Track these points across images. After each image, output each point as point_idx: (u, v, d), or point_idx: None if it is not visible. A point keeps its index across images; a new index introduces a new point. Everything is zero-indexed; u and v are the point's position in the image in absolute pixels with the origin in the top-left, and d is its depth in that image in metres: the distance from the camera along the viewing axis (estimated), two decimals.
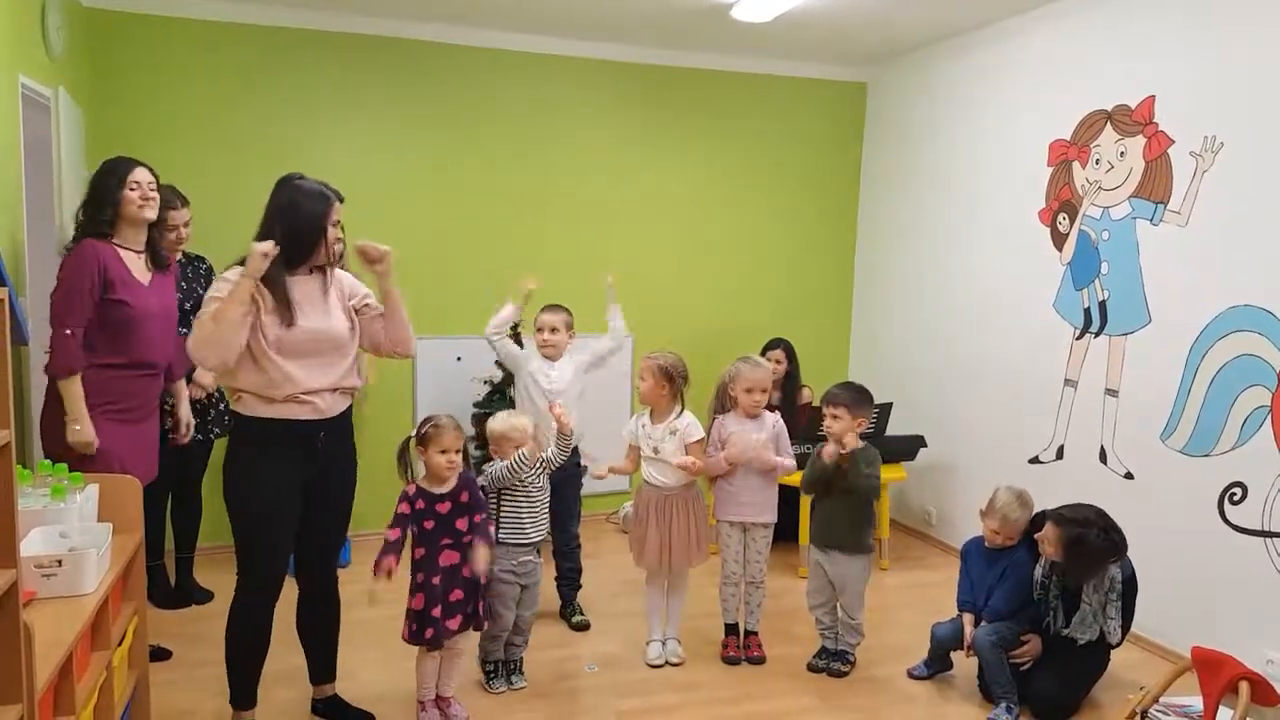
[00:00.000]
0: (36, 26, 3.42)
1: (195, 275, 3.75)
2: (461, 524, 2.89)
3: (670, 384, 3.36)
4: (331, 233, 2.61)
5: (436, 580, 2.83)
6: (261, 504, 2.61)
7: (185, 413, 3.48)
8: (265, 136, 4.52)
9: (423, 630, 2.83)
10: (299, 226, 2.57)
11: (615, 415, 5.14)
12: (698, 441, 3.35)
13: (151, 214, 3.05)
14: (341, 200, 2.67)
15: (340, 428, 2.72)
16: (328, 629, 2.94)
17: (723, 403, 3.50)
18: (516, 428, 3.18)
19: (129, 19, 4.27)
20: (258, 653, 2.77)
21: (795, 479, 3.59)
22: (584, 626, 3.78)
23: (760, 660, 3.51)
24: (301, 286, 2.60)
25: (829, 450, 3.28)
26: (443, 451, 2.80)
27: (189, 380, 3.63)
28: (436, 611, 2.82)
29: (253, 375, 2.55)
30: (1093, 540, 2.96)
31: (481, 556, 2.87)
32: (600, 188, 5.14)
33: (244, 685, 2.79)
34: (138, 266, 3.03)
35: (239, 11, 4.40)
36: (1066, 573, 3.08)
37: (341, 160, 4.63)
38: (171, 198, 3.58)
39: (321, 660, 2.95)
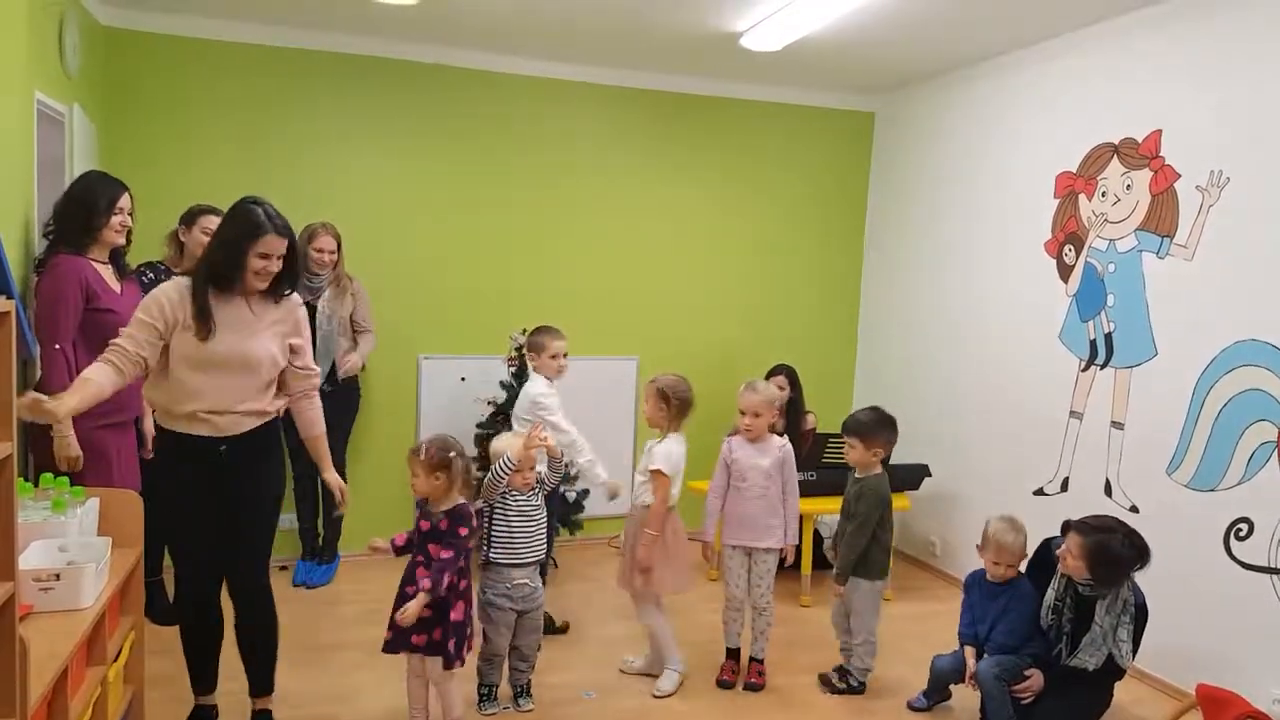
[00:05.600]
0: (54, 44, 3.47)
1: None
2: (433, 549, 2.87)
3: (667, 405, 3.36)
4: (258, 263, 2.57)
5: (410, 589, 2.84)
6: (174, 509, 2.69)
7: (149, 425, 3.39)
8: (274, 155, 4.56)
9: (393, 637, 2.87)
10: (223, 252, 2.59)
11: (618, 437, 5.17)
12: (656, 470, 3.30)
13: (123, 241, 3.19)
14: (284, 233, 2.63)
15: (249, 444, 2.69)
16: (257, 642, 2.90)
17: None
18: (513, 446, 3.19)
19: (146, 38, 4.33)
20: (199, 647, 2.86)
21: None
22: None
23: (759, 688, 3.47)
24: (229, 308, 2.61)
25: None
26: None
27: None
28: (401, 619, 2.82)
29: (161, 388, 2.60)
30: (1117, 546, 2.95)
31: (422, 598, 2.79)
32: (607, 212, 5.17)
33: (193, 673, 2.90)
34: (109, 276, 3.15)
35: (253, 33, 4.46)
36: (1091, 580, 3.03)
37: (350, 180, 4.68)
38: (206, 206, 3.69)
39: (254, 674, 2.92)
